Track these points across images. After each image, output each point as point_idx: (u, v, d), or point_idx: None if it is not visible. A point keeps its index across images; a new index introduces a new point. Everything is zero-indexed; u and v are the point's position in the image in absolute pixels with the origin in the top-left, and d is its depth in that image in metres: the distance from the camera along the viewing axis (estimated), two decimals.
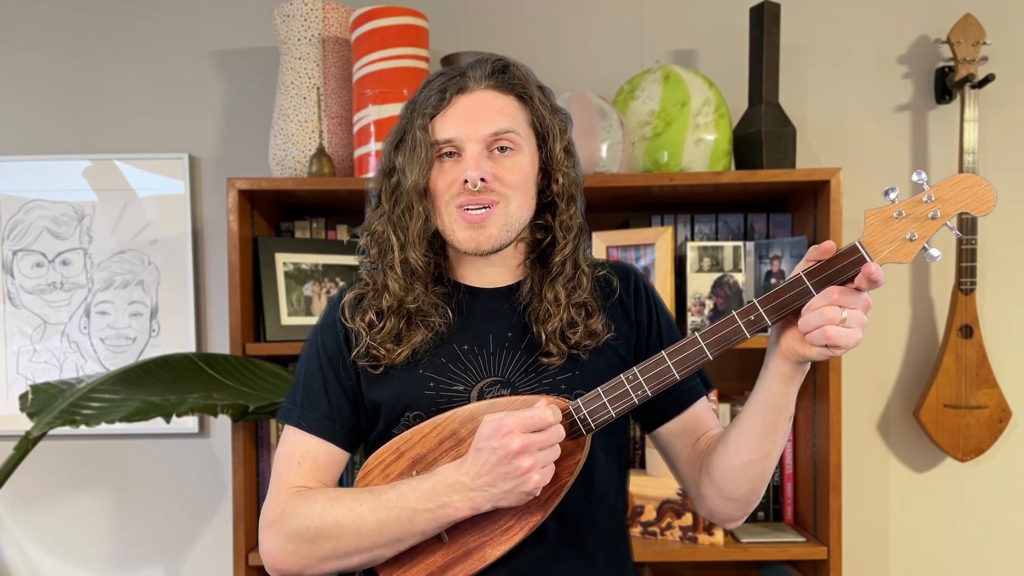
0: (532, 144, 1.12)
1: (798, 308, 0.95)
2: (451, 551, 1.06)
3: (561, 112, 1.15)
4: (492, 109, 1.08)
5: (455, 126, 1.08)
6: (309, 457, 1.12)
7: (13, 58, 2.18)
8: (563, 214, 1.13)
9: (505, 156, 1.08)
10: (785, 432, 1.06)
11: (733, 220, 2.04)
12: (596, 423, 1.03)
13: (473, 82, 1.09)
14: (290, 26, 1.94)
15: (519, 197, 1.09)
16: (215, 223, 2.18)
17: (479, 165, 1.06)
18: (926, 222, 0.94)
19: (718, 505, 1.14)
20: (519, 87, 1.11)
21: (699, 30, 2.15)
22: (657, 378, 1.01)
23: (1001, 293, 2.14)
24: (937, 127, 2.13)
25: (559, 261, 1.12)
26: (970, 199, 0.94)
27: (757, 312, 0.97)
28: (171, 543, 2.22)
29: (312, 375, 1.15)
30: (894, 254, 0.94)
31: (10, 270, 2.17)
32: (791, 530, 1.96)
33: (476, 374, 1.11)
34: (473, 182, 1.06)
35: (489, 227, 1.08)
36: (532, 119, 1.12)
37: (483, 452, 0.97)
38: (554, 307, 1.10)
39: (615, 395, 1.02)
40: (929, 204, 0.94)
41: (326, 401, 1.13)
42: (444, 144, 1.09)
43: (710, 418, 1.19)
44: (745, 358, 2.09)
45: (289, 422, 1.15)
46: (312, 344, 1.17)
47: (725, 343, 0.99)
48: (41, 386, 1.70)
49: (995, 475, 2.15)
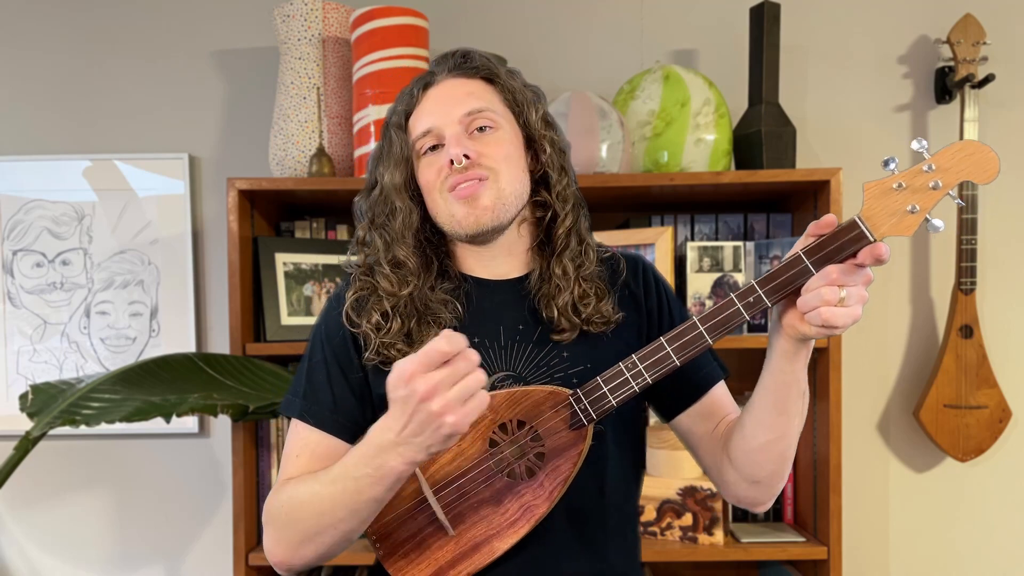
0: (510, 120, 1.12)
1: (798, 288, 0.94)
2: (459, 545, 1.06)
3: (531, 86, 1.16)
4: (462, 92, 1.10)
5: (429, 116, 1.09)
6: (308, 449, 1.11)
7: (13, 58, 2.18)
8: (557, 184, 1.13)
9: (485, 135, 1.09)
10: (799, 411, 1.04)
11: (733, 220, 2.04)
12: (598, 413, 1.02)
13: (439, 75, 1.11)
14: (290, 26, 1.94)
15: (507, 170, 1.09)
16: (215, 223, 2.18)
17: (460, 143, 1.07)
18: (927, 192, 0.91)
19: (743, 490, 1.13)
20: (483, 70, 1.12)
21: (699, 30, 2.15)
22: (656, 364, 1.00)
23: (1001, 293, 2.14)
24: (937, 127, 2.13)
25: (562, 234, 1.12)
26: (972, 167, 0.91)
27: (756, 294, 0.96)
28: (171, 543, 2.22)
29: (316, 367, 1.14)
30: (895, 227, 0.92)
31: (10, 270, 2.17)
32: (791, 530, 1.96)
33: (488, 368, 1.09)
34: (457, 159, 1.06)
35: (482, 198, 1.07)
36: (504, 97, 1.12)
37: (396, 403, 0.91)
38: (563, 281, 1.10)
39: (615, 383, 1.01)
40: (930, 174, 0.91)
41: (330, 394, 1.12)
42: (424, 137, 1.10)
43: (728, 403, 1.18)
44: (746, 358, 2.09)
45: (291, 414, 1.13)
46: (316, 336, 1.17)
47: (724, 326, 0.98)
48: (41, 386, 1.70)
49: (995, 475, 2.15)
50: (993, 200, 2.11)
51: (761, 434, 1.05)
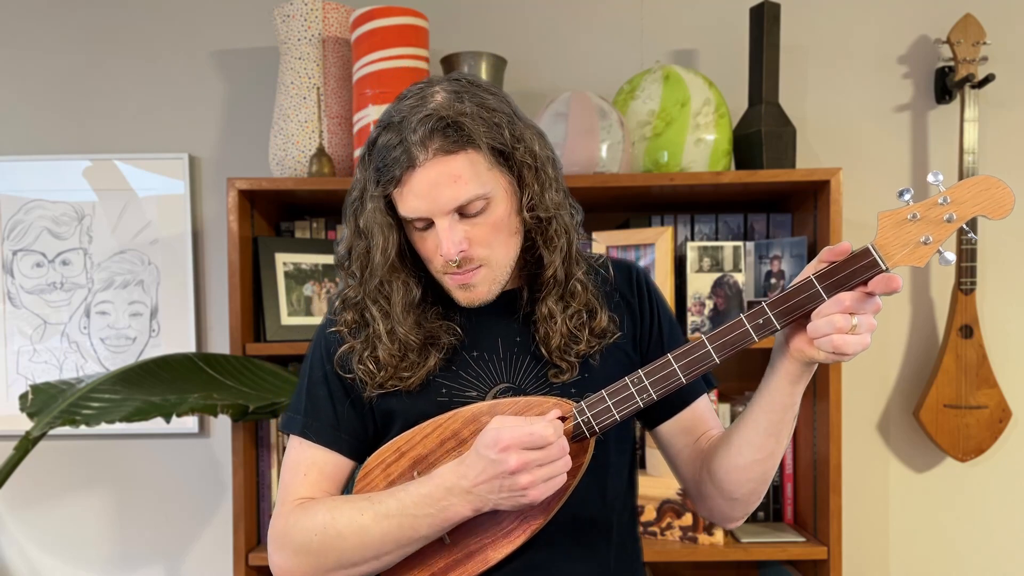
0: (501, 180, 1.04)
1: (808, 311, 0.94)
2: (452, 553, 1.06)
3: (519, 122, 1.06)
4: (448, 180, 1.00)
5: (418, 205, 1.02)
6: (316, 468, 1.11)
7: (13, 58, 2.18)
8: (547, 230, 1.08)
9: (477, 217, 1.03)
10: (789, 432, 1.05)
11: (733, 220, 2.04)
12: (600, 427, 1.01)
13: (420, 153, 1.00)
14: (290, 26, 1.94)
15: (500, 248, 1.05)
16: (215, 223, 2.18)
17: (452, 239, 1.01)
18: (941, 225, 0.91)
19: (719, 505, 1.13)
20: (465, 138, 1.01)
21: (699, 30, 2.15)
22: (663, 381, 1.00)
23: (1001, 293, 2.14)
24: (937, 127, 2.13)
25: (549, 276, 1.09)
26: (987, 202, 0.91)
27: (766, 316, 0.95)
28: (171, 543, 2.22)
29: (316, 383, 1.13)
30: (907, 257, 0.92)
31: (10, 270, 2.17)
32: (791, 530, 1.96)
33: (489, 380, 1.10)
34: (451, 259, 1.02)
35: (478, 287, 1.06)
36: (491, 156, 1.03)
37: (482, 460, 0.97)
38: (550, 324, 1.08)
39: (619, 398, 1.01)
40: (945, 206, 0.91)
41: (332, 411, 1.12)
42: (415, 221, 1.04)
43: (711, 417, 1.18)
44: (746, 358, 2.08)
45: (293, 431, 1.13)
46: (315, 351, 1.15)
47: (733, 347, 0.97)
48: (41, 386, 1.70)
49: (995, 475, 2.15)
50: None
51: (748, 453, 1.06)
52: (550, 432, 0.95)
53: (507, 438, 0.95)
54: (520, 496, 0.96)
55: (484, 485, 0.97)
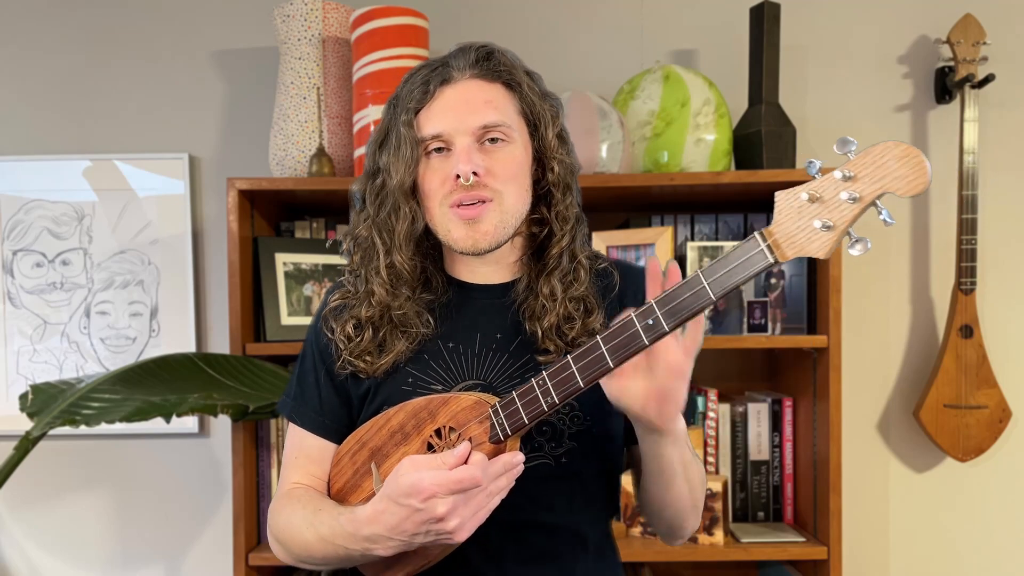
0: (524, 133, 1.07)
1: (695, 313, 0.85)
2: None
3: (551, 97, 1.10)
4: (480, 100, 1.03)
5: (442, 120, 1.03)
6: (304, 452, 1.13)
7: (13, 58, 2.18)
8: (559, 204, 1.08)
9: (496, 148, 1.03)
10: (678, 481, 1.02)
11: (733, 220, 2.04)
12: (512, 428, 0.94)
13: (457, 72, 1.04)
14: (290, 26, 1.94)
15: (513, 190, 1.04)
16: (215, 223, 2.18)
17: (470, 158, 1.01)
18: (841, 205, 0.76)
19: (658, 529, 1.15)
20: (506, 74, 1.05)
21: (699, 30, 2.15)
22: (562, 384, 0.91)
23: (1001, 293, 2.14)
24: (937, 127, 2.13)
25: (556, 254, 1.08)
26: (895, 176, 0.73)
27: (655, 315, 0.85)
28: (171, 543, 2.22)
29: (307, 370, 1.16)
30: (805, 247, 0.78)
31: (10, 270, 2.17)
32: (791, 530, 1.96)
33: (457, 375, 1.08)
34: (465, 176, 1.01)
35: (484, 223, 1.03)
36: (522, 107, 1.06)
37: (403, 508, 0.90)
38: (550, 302, 1.06)
39: (526, 400, 0.93)
40: (847, 182, 0.75)
41: (317, 397, 1.13)
42: (432, 140, 1.04)
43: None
44: (746, 358, 2.09)
45: (283, 413, 1.18)
46: (308, 337, 1.18)
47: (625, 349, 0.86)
48: (41, 386, 1.70)
49: (995, 475, 2.15)
50: (993, 200, 2.11)
51: (655, 500, 1.06)
52: (478, 475, 0.87)
53: (429, 486, 0.87)
54: (447, 537, 0.91)
55: (404, 531, 0.91)
